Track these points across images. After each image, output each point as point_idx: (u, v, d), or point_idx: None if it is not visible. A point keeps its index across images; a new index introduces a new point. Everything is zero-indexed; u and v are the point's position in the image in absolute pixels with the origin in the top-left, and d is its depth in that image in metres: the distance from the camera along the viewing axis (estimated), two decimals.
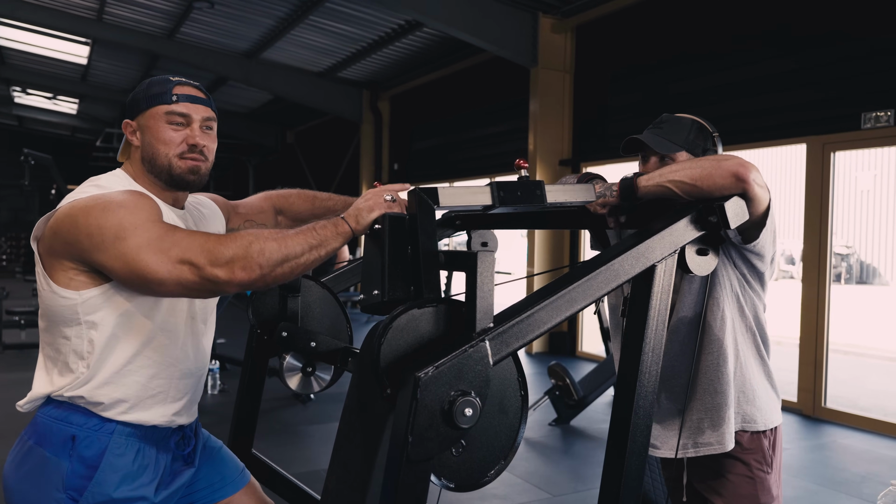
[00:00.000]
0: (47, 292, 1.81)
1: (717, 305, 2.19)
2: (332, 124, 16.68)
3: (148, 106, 1.94)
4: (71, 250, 1.75)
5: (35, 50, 15.39)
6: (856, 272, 21.29)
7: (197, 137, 1.95)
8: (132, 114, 1.97)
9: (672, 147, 2.24)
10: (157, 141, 1.93)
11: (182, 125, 1.94)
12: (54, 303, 1.81)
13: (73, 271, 1.78)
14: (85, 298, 1.79)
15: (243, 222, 2.33)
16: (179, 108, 1.93)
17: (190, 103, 1.95)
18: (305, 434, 5.94)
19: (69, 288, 1.78)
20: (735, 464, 2.23)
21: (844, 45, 6.38)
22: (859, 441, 5.93)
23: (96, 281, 1.79)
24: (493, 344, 1.55)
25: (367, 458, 1.71)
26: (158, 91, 1.94)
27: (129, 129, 1.98)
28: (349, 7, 10.26)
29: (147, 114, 1.94)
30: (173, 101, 1.93)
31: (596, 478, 5.02)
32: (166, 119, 1.93)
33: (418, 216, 1.69)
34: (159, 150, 1.93)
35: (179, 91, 1.94)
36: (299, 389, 2.48)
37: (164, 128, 1.93)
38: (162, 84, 1.95)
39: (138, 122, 1.96)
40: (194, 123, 1.95)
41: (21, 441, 1.90)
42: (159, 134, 1.93)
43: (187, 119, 1.94)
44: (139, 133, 1.96)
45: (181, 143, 1.93)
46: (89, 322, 1.81)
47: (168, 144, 1.92)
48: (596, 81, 9.28)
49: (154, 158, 1.93)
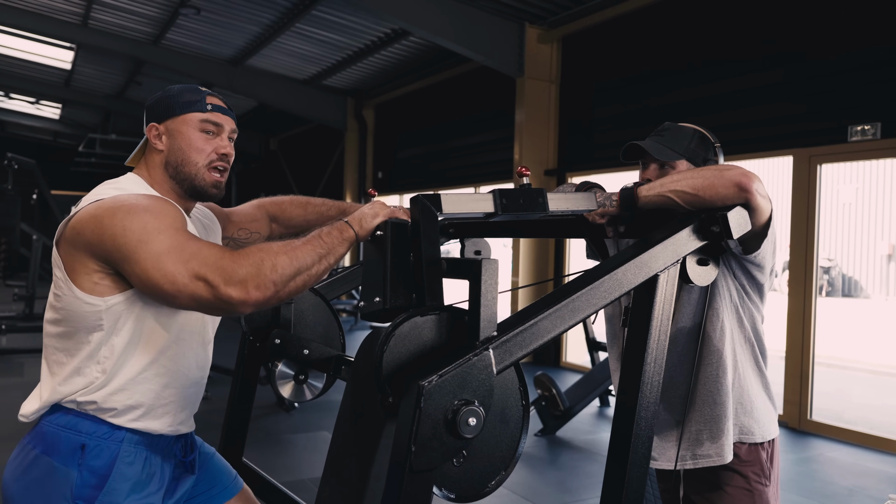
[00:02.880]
0: (69, 297, 1.77)
1: (716, 316, 2.18)
2: (316, 132, 16.64)
3: (182, 111, 1.95)
4: (94, 251, 1.72)
5: (19, 54, 15.29)
6: (838, 285, 21.41)
7: (227, 147, 1.99)
8: (160, 118, 1.96)
9: (672, 155, 2.22)
10: (188, 147, 1.95)
11: (214, 134, 1.97)
12: (77, 308, 1.77)
13: (98, 274, 1.75)
14: (110, 304, 1.77)
15: (237, 231, 2.30)
16: (214, 117, 1.97)
17: (222, 114, 1.99)
18: (290, 442, 5.88)
19: (94, 293, 1.75)
20: (733, 476, 2.21)
21: (831, 59, 6.42)
22: (845, 454, 5.95)
23: (120, 286, 1.76)
24: (497, 353, 1.53)
25: (362, 467, 1.68)
26: (193, 98, 1.96)
27: (155, 133, 1.96)
28: (336, 15, 10.26)
29: (179, 119, 1.95)
30: (208, 109, 1.96)
31: (583, 489, 5.01)
32: (200, 126, 1.96)
33: (421, 223, 1.67)
34: (190, 157, 1.94)
35: (211, 101, 1.98)
36: (291, 397, 2.45)
37: (197, 135, 1.95)
38: (195, 92, 1.98)
39: (167, 126, 1.96)
40: (224, 133, 2.00)
41: (24, 449, 1.85)
42: (192, 141, 1.95)
43: (219, 129, 1.98)
44: (166, 137, 1.96)
45: (211, 151, 1.96)
46: (113, 328, 1.79)
47: (200, 152, 1.95)
48: (582, 92, 9.30)
49: (182, 164, 1.94)
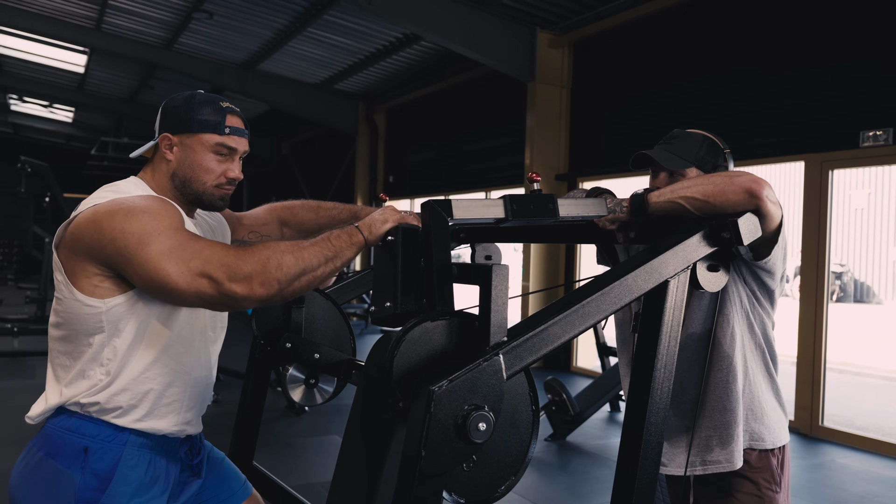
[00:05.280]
0: (70, 300, 1.79)
1: (726, 322, 2.18)
2: (327, 136, 16.68)
3: (199, 130, 1.93)
4: (94, 255, 1.73)
5: (32, 58, 15.38)
6: (850, 290, 21.31)
7: (237, 171, 1.98)
8: (175, 129, 1.94)
9: (682, 163, 2.21)
10: (198, 168, 1.93)
11: (226, 157, 1.96)
12: (78, 311, 1.79)
13: (98, 277, 1.76)
14: (110, 306, 1.78)
15: (247, 234, 2.31)
16: (230, 141, 1.95)
17: (238, 137, 1.97)
18: (300, 446, 5.89)
19: (94, 296, 1.77)
20: (743, 482, 2.21)
21: (844, 63, 6.40)
22: (857, 461, 5.91)
23: (121, 288, 1.78)
24: (507, 358, 1.53)
25: (372, 472, 1.68)
26: (213, 119, 1.93)
27: (167, 143, 1.95)
28: (348, 20, 10.28)
29: (196, 137, 1.93)
30: (226, 133, 1.94)
31: (593, 494, 5.00)
32: (215, 149, 1.94)
33: (431, 228, 1.68)
34: (199, 177, 1.94)
35: (231, 123, 1.95)
36: (302, 401, 2.46)
37: (209, 157, 1.94)
38: (216, 111, 1.94)
39: (181, 139, 1.94)
40: (236, 156, 1.98)
41: (30, 452, 1.87)
42: (203, 162, 1.94)
43: (232, 153, 1.97)
44: (178, 150, 1.94)
45: (221, 174, 1.95)
46: (114, 329, 1.80)
47: (210, 173, 1.94)
48: (593, 96, 9.29)
49: (190, 182, 1.94)
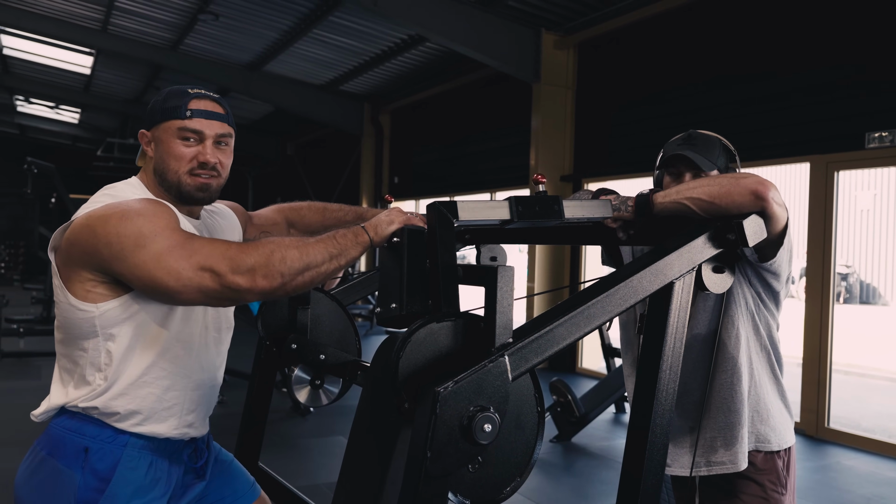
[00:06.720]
0: (65, 304, 1.79)
1: (731, 323, 2.17)
2: (332, 137, 16.70)
3: (163, 119, 1.90)
4: (90, 260, 1.73)
5: (39, 59, 15.44)
6: (855, 292, 21.24)
7: (208, 155, 1.90)
8: (148, 124, 1.94)
9: (711, 165, 2.23)
10: (167, 156, 1.90)
11: (195, 141, 1.90)
12: (72, 315, 1.79)
13: (92, 282, 1.75)
14: (103, 311, 1.77)
15: (258, 233, 2.31)
16: (192, 124, 1.88)
17: (204, 119, 1.90)
18: (305, 447, 5.90)
19: (87, 300, 1.76)
20: (749, 484, 2.20)
21: (850, 65, 6.39)
22: (863, 463, 5.90)
23: (115, 292, 1.77)
24: (513, 359, 1.53)
25: (378, 473, 1.68)
26: (174, 105, 1.89)
27: (145, 140, 1.95)
28: (353, 21, 10.30)
29: (161, 127, 1.90)
30: (187, 116, 1.88)
31: (598, 496, 5.00)
32: (179, 135, 1.89)
33: (437, 229, 1.68)
34: (169, 166, 1.89)
35: (195, 106, 1.89)
36: (308, 402, 2.46)
37: (175, 143, 1.89)
38: (178, 97, 1.90)
39: (153, 133, 1.93)
40: (207, 140, 1.91)
41: (34, 451, 1.88)
42: (170, 149, 1.89)
43: (200, 136, 1.90)
44: (153, 145, 1.93)
45: (191, 159, 1.89)
46: (107, 334, 1.79)
47: (179, 160, 1.89)
48: (598, 98, 9.29)
49: (164, 173, 1.91)
